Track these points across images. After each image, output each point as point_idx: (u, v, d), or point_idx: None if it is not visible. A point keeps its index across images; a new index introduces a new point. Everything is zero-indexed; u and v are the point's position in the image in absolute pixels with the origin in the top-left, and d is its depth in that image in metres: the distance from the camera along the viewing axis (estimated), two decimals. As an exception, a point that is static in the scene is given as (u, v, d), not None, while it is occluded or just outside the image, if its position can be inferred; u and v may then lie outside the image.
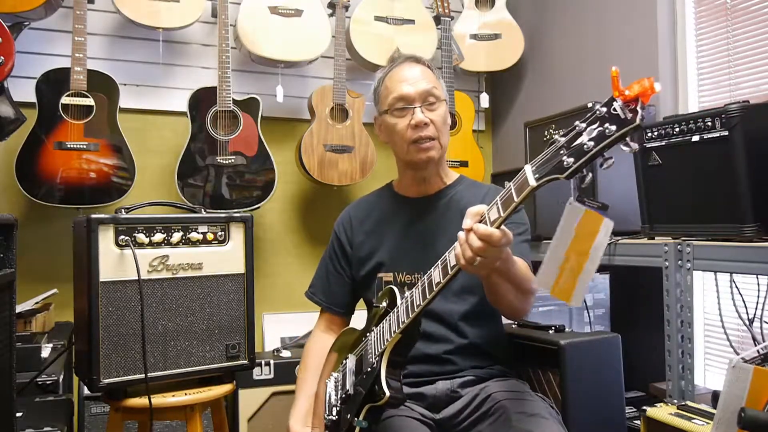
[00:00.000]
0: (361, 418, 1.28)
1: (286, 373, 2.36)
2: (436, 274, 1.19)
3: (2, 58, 2.09)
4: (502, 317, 1.59)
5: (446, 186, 1.57)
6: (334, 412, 1.37)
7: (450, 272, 1.15)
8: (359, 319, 1.62)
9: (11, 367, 1.27)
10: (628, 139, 0.91)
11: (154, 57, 2.66)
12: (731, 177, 1.58)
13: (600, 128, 0.92)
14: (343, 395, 1.36)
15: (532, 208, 2.11)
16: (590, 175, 0.97)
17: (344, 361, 1.41)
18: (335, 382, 1.42)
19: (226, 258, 1.79)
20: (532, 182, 1.00)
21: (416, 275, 1.48)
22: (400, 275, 1.50)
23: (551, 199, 2.10)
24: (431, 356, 1.45)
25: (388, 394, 1.22)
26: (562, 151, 0.97)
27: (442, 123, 1.48)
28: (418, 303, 1.20)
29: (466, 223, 1.10)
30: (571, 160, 0.95)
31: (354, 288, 1.61)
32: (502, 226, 1.07)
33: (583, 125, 0.94)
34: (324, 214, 2.93)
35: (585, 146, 0.93)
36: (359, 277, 1.58)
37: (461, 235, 1.10)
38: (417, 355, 1.45)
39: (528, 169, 1.01)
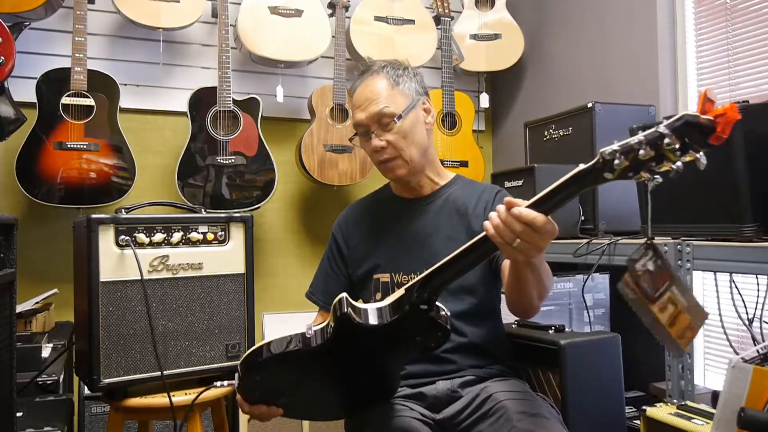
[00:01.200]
0: (314, 329, 1.23)
1: (286, 373, 2.36)
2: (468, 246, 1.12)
3: (2, 58, 2.09)
4: (501, 317, 1.59)
5: (441, 186, 1.57)
6: None
7: (481, 238, 1.09)
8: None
9: (11, 367, 1.27)
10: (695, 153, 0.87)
11: (154, 57, 2.66)
12: (731, 177, 1.58)
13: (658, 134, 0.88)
14: None
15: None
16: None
17: None
18: None
19: (226, 258, 1.79)
20: (581, 166, 0.96)
21: (412, 276, 1.48)
22: (397, 276, 1.50)
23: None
24: (430, 355, 1.44)
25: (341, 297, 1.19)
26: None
27: (402, 138, 1.46)
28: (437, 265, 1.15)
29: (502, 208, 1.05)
30: (621, 156, 0.91)
31: (351, 288, 1.61)
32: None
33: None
34: (324, 214, 2.94)
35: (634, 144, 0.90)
36: (356, 277, 1.58)
37: (494, 213, 1.05)
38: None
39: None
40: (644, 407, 1.50)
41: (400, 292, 1.20)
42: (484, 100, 3.20)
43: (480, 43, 3.06)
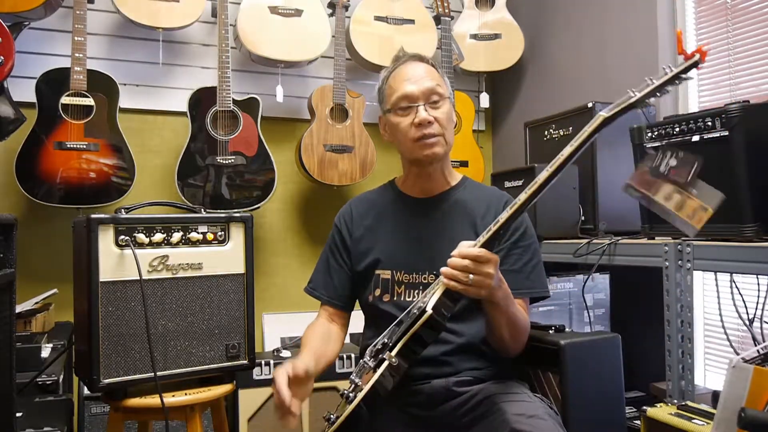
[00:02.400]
0: (394, 353, 1.22)
1: (286, 373, 2.36)
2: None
3: (2, 58, 2.09)
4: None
5: (450, 187, 1.56)
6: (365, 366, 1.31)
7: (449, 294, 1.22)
8: (357, 319, 1.62)
9: (11, 367, 1.27)
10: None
11: (154, 57, 2.66)
12: (731, 177, 1.58)
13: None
14: (379, 346, 1.30)
15: (531, 208, 2.10)
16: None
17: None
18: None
19: (226, 258, 1.79)
20: (604, 113, 1.19)
21: (414, 275, 1.47)
22: (398, 273, 1.49)
23: (552, 198, 2.10)
24: (427, 358, 1.41)
25: (429, 311, 1.20)
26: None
27: (447, 120, 1.49)
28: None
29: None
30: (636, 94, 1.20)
31: (353, 282, 1.60)
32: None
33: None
34: (324, 214, 2.93)
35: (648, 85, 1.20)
36: (357, 271, 1.57)
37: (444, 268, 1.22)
38: None
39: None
40: (644, 407, 1.50)
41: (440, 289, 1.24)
42: (484, 100, 3.20)
43: (480, 43, 3.06)
